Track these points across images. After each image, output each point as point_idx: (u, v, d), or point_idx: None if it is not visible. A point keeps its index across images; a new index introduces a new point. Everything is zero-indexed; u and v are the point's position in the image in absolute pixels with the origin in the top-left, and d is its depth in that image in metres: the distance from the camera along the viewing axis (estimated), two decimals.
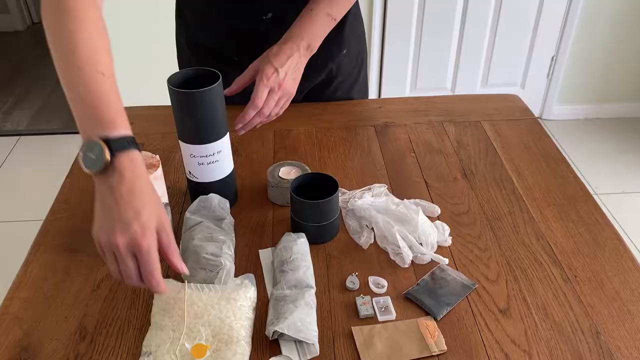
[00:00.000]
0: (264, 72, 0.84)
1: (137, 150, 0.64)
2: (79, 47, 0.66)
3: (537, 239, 0.84)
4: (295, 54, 0.86)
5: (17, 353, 0.67)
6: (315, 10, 0.88)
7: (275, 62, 0.84)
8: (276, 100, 0.86)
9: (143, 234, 0.60)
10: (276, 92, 0.85)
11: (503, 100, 1.23)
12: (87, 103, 0.64)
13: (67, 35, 0.66)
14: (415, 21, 2.51)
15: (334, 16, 0.90)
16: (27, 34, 3.93)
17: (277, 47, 0.86)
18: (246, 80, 0.88)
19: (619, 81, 2.76)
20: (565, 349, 0.67)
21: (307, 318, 0.68)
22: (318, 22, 0.89)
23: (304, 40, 0.87)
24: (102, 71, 0.65)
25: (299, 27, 0.88)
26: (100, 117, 0.64)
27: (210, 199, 0.84)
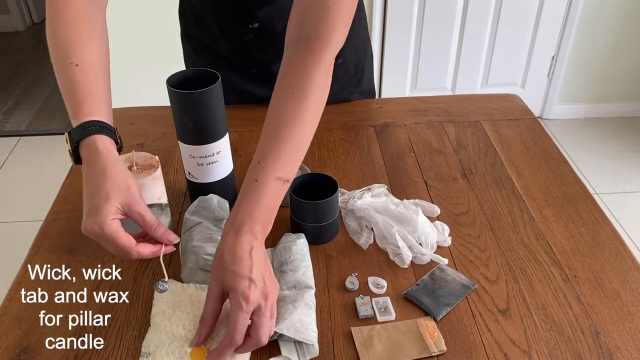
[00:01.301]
0: (238, 293, 0.61)
1: (98, 135, 0.65)
2: (57, 42, 0.70)
3: (537, 239, 0.84)
4: (254, 244, 0.64)
5: (17, 354, 0.67)
6: (261, 179, 0.66)
7: (241, 270, 0.61)
8: (269, 316, 0.63)
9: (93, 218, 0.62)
10: (266, 307, 0.62)
11: (503, 100, 1.23)
12: (64, 96, 0.68)
13: (51, 32, 0.71)
14: (415, 21, 2.51)
15: (285, 177, 0.68)
16: (28, 35, 3.93)
17: (228, 251, 0.63)
18: (214, 315, 0.64)
19: (619, 81, 2.75)
20: (565, 349, 0.67)
21: (306, 318, 0.68)
22: (267, 194, 0.66)
23: (256, 223, 0.65)
24: (76, 62, 0.67)
25: (245, 209, 0.65)
26: (70, 107, 0.67)
27: (210, 200, 0.84)
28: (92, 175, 0.63)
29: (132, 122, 1.14)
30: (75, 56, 0.68)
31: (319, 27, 0.72)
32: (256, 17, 1.00)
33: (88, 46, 0.69)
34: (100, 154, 0.64)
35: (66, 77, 0.67)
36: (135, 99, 1.32)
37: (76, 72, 0.67)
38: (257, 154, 0.69)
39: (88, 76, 0.67)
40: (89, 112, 0.65)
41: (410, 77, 2.69)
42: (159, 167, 0.83)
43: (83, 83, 0.67)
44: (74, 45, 0.69)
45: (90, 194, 0.63)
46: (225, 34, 1.05)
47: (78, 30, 0.70)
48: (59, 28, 0.70)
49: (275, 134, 0.69)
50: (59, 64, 0.69)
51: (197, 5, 1.06)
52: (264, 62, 1.08)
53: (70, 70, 0.67)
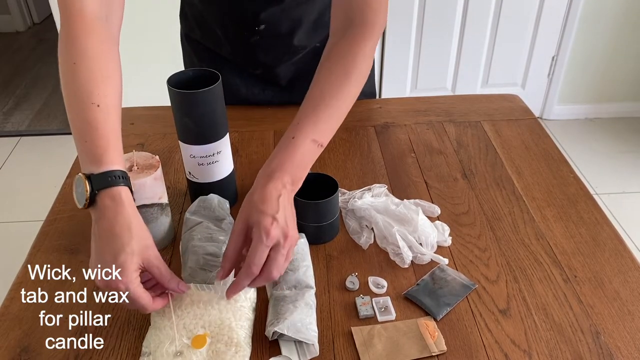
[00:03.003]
0: (261, 227, 0.64)
1: (122, 186, 0.63)
2: (76, 79, 0.66)
3: (537, 239, 0.84)
4: (282, 192, 0.67)
5: (18, 354, 0.67)
6: (298, 137, 0.71)
7: (267, 209, 0.65)
8: (285, 255, 0.66)
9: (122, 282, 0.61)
10: (284, 246, 0.65)
11: (503, 100, 1.23)
12: (80, 136, 0.65)
13: (70, 66, 0.67)
14: (415, 21, 2.51)
15: (320, 142, 0.73)
16: (28, 35, 3.93)
17: (259, 192, 0.67)
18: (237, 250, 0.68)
19: (619, 81, 2.76)
20: (565, 349, 0.67)
21: (306, 318, 0.68)
22: (301, 152, 0.71)
23: (287, 174, 0.69)
24: (97, 102, 0.65)
25: (280, 159, 0.70)
26: (89, 150, 0.64)
27: (210, 200, 0.84)
28: (116, 228, 0.62)
29: (132, 122, 1.14)
30: (97, 96, 0.65)
31: (363, 14, 0.78)
32: (262, 19, 1.00)
33: (109, 85, 0.67)
34: (124, 207, 0.63)
35: (85, 116, 0.65)
36: (136, 98, 1.33)
37: (97, 113, 0.64)
38: (296, 117, 0.74)
39: (109, 119, 0.65)
40: (111, 161, 0.64)
41: (410, 78, 2.69)
42: (159, 167, 0.83)
43: (105, 127, 0.65)
44: (95, 82, 0.66)
45: (113, 249, 0.61)
46: (230, 36, 1.05)
47: (100, 66, 0.67)
48: (81, 62, 0.66)
49: (316, 102, 0.75)
50: (77, 101, 0.66)
51: (200, 8, 1.06)
52: (268, 64, 1.08)
53: (90, 109, 0.65)
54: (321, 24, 1.04)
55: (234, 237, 0.67)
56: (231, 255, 0.67)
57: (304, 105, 0.76)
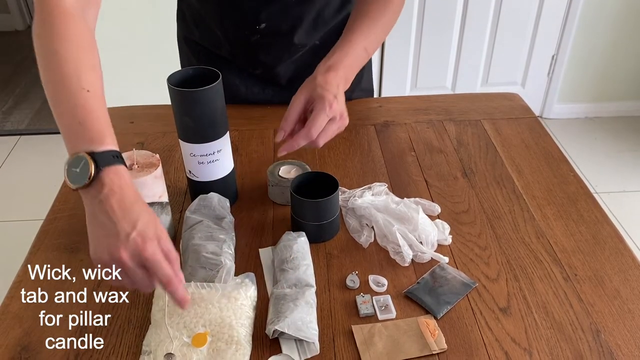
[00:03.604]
0: (325, 100, 0.76)
1: (123, 165, 0.63)
2: (64, 64, 0.66)
3: (538, 238, 0.84)
4: (340, 83, 0.80)
5: (18, 352, 0.67)
6: (354, 42, 0.84)
7: (331, 89, 0.77)
8: (335, 131, 0.78)
9: (144, 242, 0.59)
10: (336, 122, 0.78)
11: (503, 99, 1.23)
12: (73, 118, 0.64)
13: (53, 53, 0.67)
14: (415, 20, 2.51)
15: (369, 51, 0.86)
16: (27, 34, 3.90)
17: (321, 76, 0.78)
18: (297, 115, 0.79)
19: (619, 80, 2.76)
20: (566, 347, 0.67)
21: (307, 317, 0.68)
22: (355, 55, 0.84)
23: (342, 70, 0.81)
24: (87, 88, 0.65)
25: (339, 56, 0.82)
26: (86, 132, 0.63)
27: (210, 198, 0.84)
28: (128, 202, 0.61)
29: (132, 121, 1.14)
30: (85, 82, 0.65)
31: None
32: (262, 18, 1.00)
33: (95, 75, 0.67)
34: (129, 185, 0.63)
35: (77, 100, 0.64)
36: (136, 97, 1.32)
37: (89, 98, 0.65)
38: (350, 26, 0.88)
39: (101, 106, 0.66)
40: (111, 142, 0.64)
41: (410, 76, 2.69)
42: (159, 165, 0.83)
43: (100, 111, 0.65)
44: (82, 70, 0.66)
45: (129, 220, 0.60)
46: (230, 36, 1.05)
47: (85, 55, 0.68)
48: (65, 50, 0.66)
49: (366, 15, 0.87)
50: (66, 86, 0.66)
51: (198, 8, 1.06)
52: (268, 64, 1.08)
53: (81, 94, 0.64)
54: (321, 21, 1.04)
55: (296, 104, 0.78)
56: (293, 118, 0.78)
57: (356, 17, 0.88)
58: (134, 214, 0.60)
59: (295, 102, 0.78)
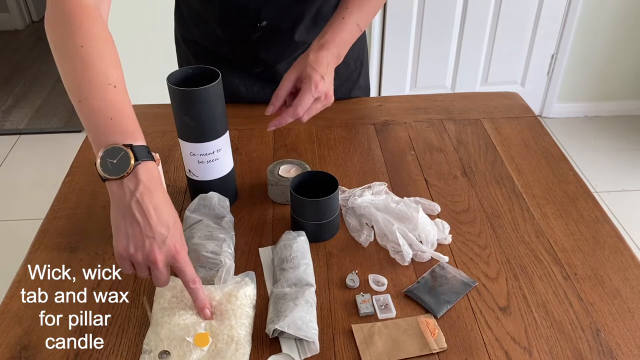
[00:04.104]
0: (312, 80, 0.81)
1: (154, 162, 0.65)
2: (90, 61, 0.66)
3: (537, 237, 0.84)
4: (331, 61, 0.84)
5: (18, 351, 0.67)
6: (347, 18, 0.87)
7: (319, 69, 0.82)
8: (319, 109, 0.84)
9: (177, 247, 0.63)
10: (321, 101, 0.83)
11: (503, 98, 1.23)
12: (102, 113, 0.64)
13: (77, 51, 0.66)
14: (415, 19, 2.51)
15: (361, 27, 0.90)
16: (27, 33, 3.92)
17: (313, 54, 0.83)
18: (287, 92, 0.84)
19: (618, 79, 2.75)
20: (565, 346, 0.67)
21: (307, 316, 0.68)
22: (348, 31, 0.87)
23: (336, 48, 0.86)
24: (114, 84, 0.65)
25: (331, 34, 0.86)
26: (118, 126, 0.64)
27: (210, 197, 0.84)
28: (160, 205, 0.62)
29: None
30: (112, 77, 0.66)
31: None
32: (263, 15, 1.00)
33: (119, 69, 0.68)
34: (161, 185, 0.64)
35: (106, 95, 0.65)
36: (136, 96, 1.32)
37: (118, 94, 0.65)
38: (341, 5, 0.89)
39: (128, 101, 0.67)
40: (143, 138, 0.65)
41: (410, 76, 2.69)
42: (159, 164, 0.83)
43: (128, 107, 0.66)
44: (109, 65, 0.67)
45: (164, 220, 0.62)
46: (230, 35, 1.05)
47: (110, 51, 0.68)
48: (90, 45, 0.66)
49: None
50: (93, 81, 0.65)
51: (198, 8, 1.05)
52: (269, 62, 1.08)
53: (109, 90, 0.65)
54: (321, 18, 1.04)
55: (286, 82, 0.83)
56: (283, 94, 0.83)
57: None
58: (170, 217, 0.63)
59: (286, 79, 0.84)
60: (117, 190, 0.62)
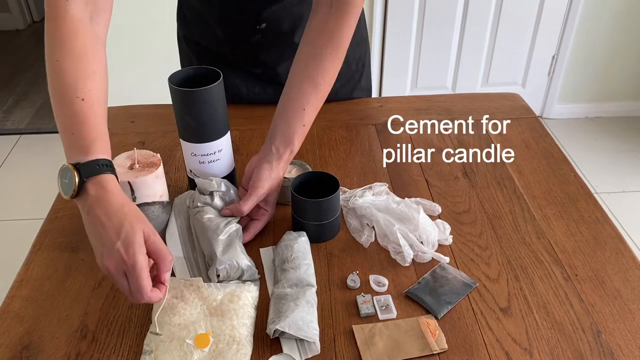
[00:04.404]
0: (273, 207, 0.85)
1: (108, 174, 0.65)
2: (62, 74, 0.68)
3: (538, 238, 0.84)
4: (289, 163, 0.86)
5: (19, 351, 0.67)
6: (307, 123, 0.85)
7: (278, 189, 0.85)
8: None
9: (126, 251, 0.61)
10: None
11: (504, 99, 1.23)
12: (67, 129, 0.67)
13: (54, 64, 0.69)
14: (416, 20, 2.51)
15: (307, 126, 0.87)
16: (28, 33, 3.93)
17: (277, 173, 0.83)
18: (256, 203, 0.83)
19: (619, 80, 2.75)
20: (566, 347, 0.67)
21: (308, 316, 0.68)
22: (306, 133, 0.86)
23: (292, 155, 0.86)
24: (82, 97, 0.67)
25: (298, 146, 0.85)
26: (76, 142, 0.66)
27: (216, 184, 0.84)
28: (112, 211, 0.63)
29: (133, 120, 1.14)
30: (81, 90, 0.67)
31: None
32: (263, 18, 1.00)
33: (93, 81, 0.69)
34: (114, 192, 0.65)
35: (71, 110, 0.66)
36: (137, 97, 1.33)
37: (83, 107, 0.66)
38: (298, 100, 0.85)
39: (95, 112, 0.67)
40: (99, 151, 0.66)
41: (410, 76, 2.69)
42: (160, 165, 0.83)
43: (92, 119, 0.67)
44: (80, 78, 0.68)
45: (113, 228, 0.62)
46: (230, 36, 1.05)
47: (84, 63, 0.69)
48: (64, 60, 0.68)
49: (315, 85, 0.85)
50: (62, 96, 0.67)
51: (199, 9, 1.06)
52: (269, 63, 1.08)
53: (75, 104, 0.66)
54: None
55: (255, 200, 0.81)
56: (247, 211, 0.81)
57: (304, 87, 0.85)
58: (117, 222, 0.62)
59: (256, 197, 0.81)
60: (80, 208, 0.65)
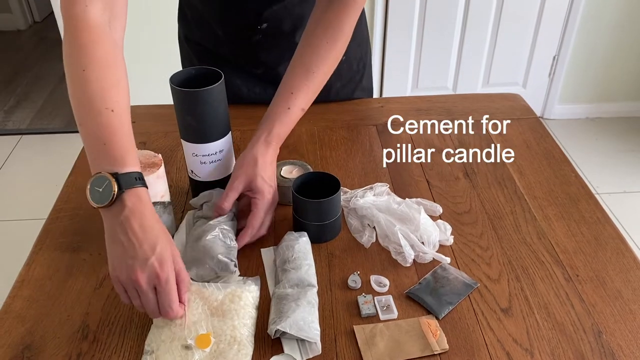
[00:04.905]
0: (265, 196, 0.80)
1: (144, 187, 0.66)
2: (89, 84, 0.67)
3: (539, 238, 0.84)
4: (274, 158, 0.84)
5: (20, 351, 0.67)
6: (292, 108, 0.84)
7: (267, 178, 0.81)
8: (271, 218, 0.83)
9: (161, 266, 0.62)
10: (273, 211, 0.83)
11: (505, 100, 1.23)
12: (97, 139, 0.66)
13: (79, 73, 0.68)
14: (416, 20, 2.51)
15: (305, 109, 0.87)
16: (29, 33, 3.93)
17: (261, 159, 0.81)
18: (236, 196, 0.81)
19: (620, 81, 2.75)
20: (567, 348, 0.67)
21: (309, 317, 0.68)
22: (293, 120, 0.85)
23: (280, 142, 0.85)
24: (112, 107, 0.67)
25: (278, 128, 0.83)
26: (109, 152, 0.65)
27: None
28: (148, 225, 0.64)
29: (134, 121, 1.13)
30: (110, 101, 0.67)
31: None
32: (264, 17, 1.00)
33: (120, 91, 0.69)
34: (148, 207, 0.65)
35: (101, 120, 0.66)
36: (138, 97, 1.32)
37: (113, 118, 0.66)
38: (288, 84, 0.85)
39: (125, 124, 0.68)
40: (134, 163, 0.66)
41: (411, 77, 2.69)
42: (162, 165, 0.83)
43: (122, 131, 0.67)
44: (107, 89, 0.68)
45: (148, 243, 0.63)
46: (231, 36, 1.05)
47: (110, 73, 0.69)
48: (91, 70, 0.68)
49: (307, 71, 0.85)
50: (91, 107, 0.67)
51: (200, 9, 1.06)
52: (270, 63, 1.08)
53: (105, 114, 0.66)
54: None
55: (233, 192, 0.79)
56: (228, 206, 0.79)
57: (296, 72, 0.86)
58: (153, 237, 0.63)
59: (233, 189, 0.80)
60: (106, 216, 0.65)
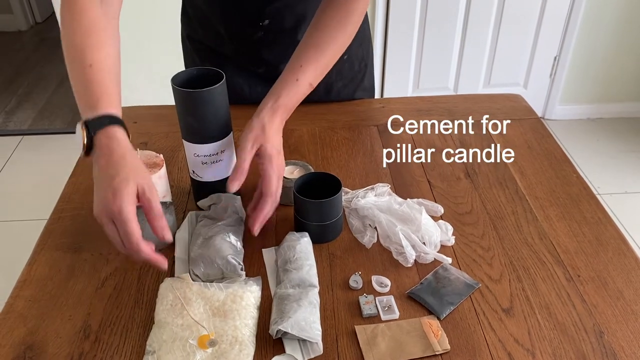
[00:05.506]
0: (274, 162, 0.79)
1: (117, 126, 0.69)
2: (73, 44, 0.74)
3: (540, 239, 0.84)
4: (280, 126, 0.84)
5: (22, 351, 0.67)
6: (301, 80, 0.84)
7: (276, 144, 0.81)
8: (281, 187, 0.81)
9: (114, 197, 0.63)
10: (280, 178, 0.81)
11: (506, 100, 1.23)
12: (77, 92, 0.72)
13: (67, 34, 0.76)
14: (417, 21, 2.51)
15: (313, 85, 0.87)
16: (30, 34, 3.93)
17: (269, 125, 0.81)
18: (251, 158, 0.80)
19: (621, 81, 2.75)
20: (569, 348, 0.67)
21: (310, 317, 0.68)
22: (301, 93, 0.85)
23: (288, 112, 0.85)
24: (90, 63, 0.72)
25: (285, 98, 0.83)
26: (85, 102, 0.71)
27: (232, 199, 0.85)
28: (113, 160, 0.66)
29: (135, 121, 1.14)
30: (90, 58, 0.72)
31: None
32: (266, 14, 1.01)
33: (102, 50, 0.74)
34: (119, 143, 0.68)
35: (80, 77, 0.72)
36: (139, 97, 1.33)
37: (90, 72, 0.71)
38: (298, 57, 0.86)
39: (103, 76, 0.72)
40: (105, 107, 0.69)
41: (412, 77, 2.69)
42: (163, 165, 0.83)
43: (98, 82, 0.71)
44: (88, 49, 0.73)
45: (109, 177, 0.65)
46: (233, 34, 1.05)
47: (93, 36, 0.75)
48: (75, 35, 0.74)
49: (317, 47, 0.86)
50: (74, 67, 0.73)
51: (202, 7, 1.06)
52: (272, 61, 1.08)
53: (84, 70, 0.72)
54: None
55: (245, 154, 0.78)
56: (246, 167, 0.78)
57: (307, 47, 0.87)
58: (115, 169, 0.65)
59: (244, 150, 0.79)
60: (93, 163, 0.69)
